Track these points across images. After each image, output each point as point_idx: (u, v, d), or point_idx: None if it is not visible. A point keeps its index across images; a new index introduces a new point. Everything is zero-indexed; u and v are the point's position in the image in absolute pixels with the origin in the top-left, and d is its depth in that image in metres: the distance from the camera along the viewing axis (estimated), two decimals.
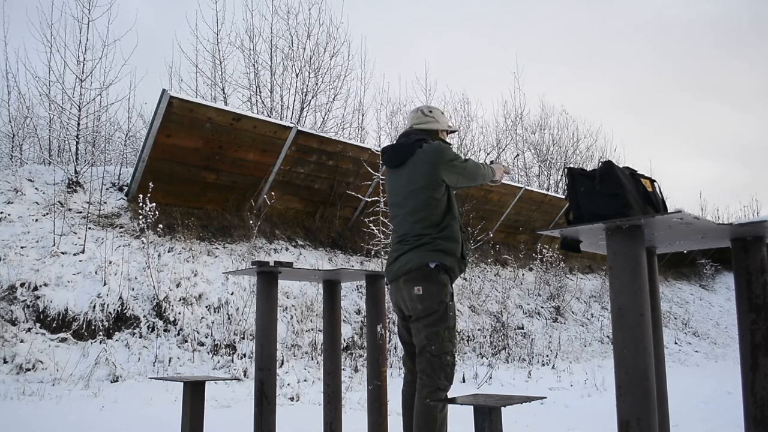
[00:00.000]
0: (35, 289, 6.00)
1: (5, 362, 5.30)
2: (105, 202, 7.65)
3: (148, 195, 7.01)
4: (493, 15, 30.84)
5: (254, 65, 11.98)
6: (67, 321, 5.90)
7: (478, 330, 8.74)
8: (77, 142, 8.61)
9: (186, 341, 6.23)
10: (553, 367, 7.95)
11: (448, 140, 3.19)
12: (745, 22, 35.30)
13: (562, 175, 16.42)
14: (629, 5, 33.73)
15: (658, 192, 2.26)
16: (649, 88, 34.35)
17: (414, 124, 3.11)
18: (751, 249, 2.18)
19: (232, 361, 6.17)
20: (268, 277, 3.17)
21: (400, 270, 2.87)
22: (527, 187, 12.26)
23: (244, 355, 6.30)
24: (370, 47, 32.83)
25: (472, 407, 2.38)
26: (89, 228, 7.00)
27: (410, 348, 2.94)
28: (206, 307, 6.76)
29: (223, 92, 11.84)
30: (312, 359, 6.69)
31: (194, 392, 3.32)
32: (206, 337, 6.38)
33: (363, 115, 13.65)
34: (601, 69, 33.20)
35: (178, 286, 6.78)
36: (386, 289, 3.54)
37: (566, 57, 31.80)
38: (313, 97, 12.12)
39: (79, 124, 8.60)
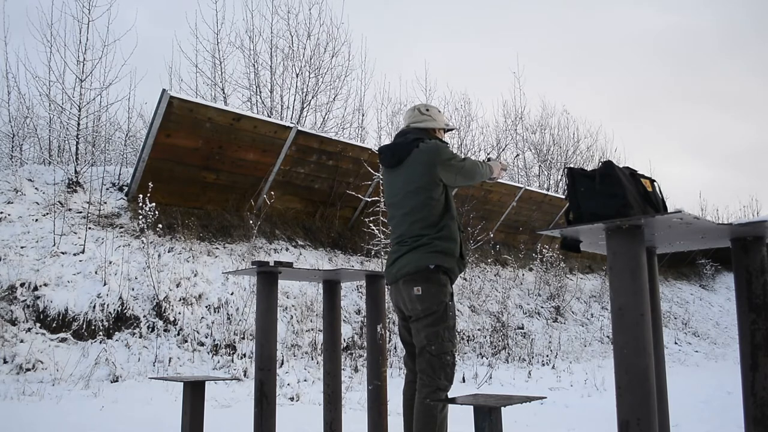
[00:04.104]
0: (35, 289, 6.00)
1: (5, 362, 5.30)
2: (105, 202, 7.65)
3: (148, 195, 7.02)
4: (494, 16, 30.85)
5: (254, 65, 11.99)
6: (67, 321, 5.90)
7: (478, 330, 8.74)
8: (77, 142, 8.60)
9: (186, 341, 6.23)
10: (553, 367, 7.95)
11: (445, 139, 3.17)
12: (745, 27, 35.33)
13: (562, 175, 16.39)
14: (630, 10, 33.74)
15: (658, 192, 2.26)
16: (649, 90, 34.39)
17: (411, 123, 3.09)
18: (751, 249, 2.18)
19: (232, 361, 6.17)
20: (268, 277, 3.17)
21: (399, 272, 2.87)
22: (527, 187, 12.25)
23: (244, 355, 6.30)
24: (370, 47, 32.86)
25: (472, 407, 2.37)
26: (89, 228, 7.00)
27: (411, 348, 2.94)
28: (206, 307, 6.76)
29: (223, 92, 11.84)
30: (312, 359, 6.68)
31: (194, 392, 3.32)
32: (206, 337, 6.38)
33: (363, 115, 13.65)
34: (601, 71, 33.23)
35: (178, 286, 6.78)
36: (386, 290, 3.54)
37: (567, 59, 31.81)
38: (313, 97, 12.13)
39: (79, 124, 8.59)
